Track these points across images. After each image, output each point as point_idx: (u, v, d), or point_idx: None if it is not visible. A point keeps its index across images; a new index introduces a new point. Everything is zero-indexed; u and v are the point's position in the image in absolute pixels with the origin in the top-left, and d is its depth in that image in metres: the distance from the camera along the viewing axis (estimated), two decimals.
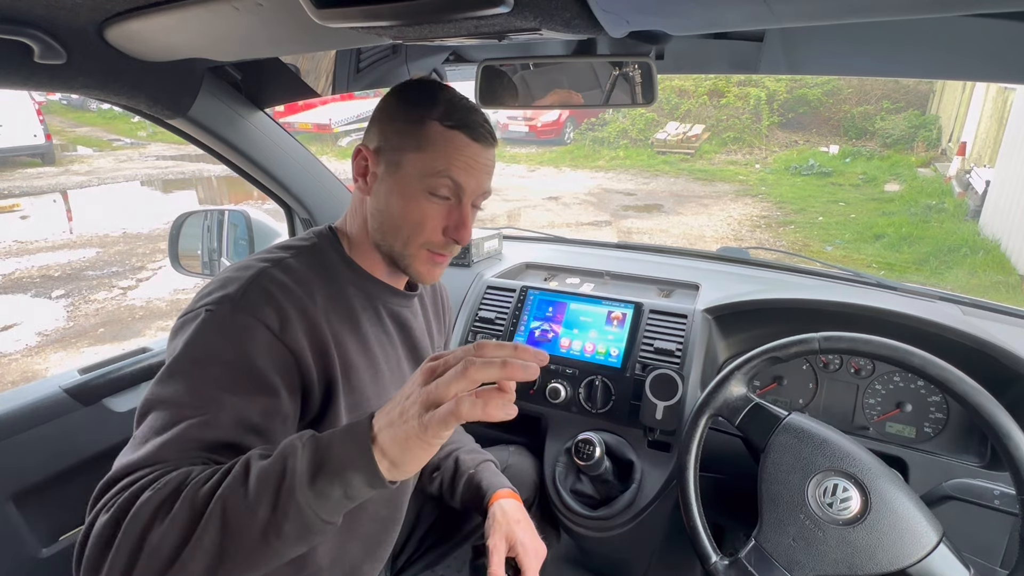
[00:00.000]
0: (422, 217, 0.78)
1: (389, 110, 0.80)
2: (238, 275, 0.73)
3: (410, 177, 0.77)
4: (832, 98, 11.39)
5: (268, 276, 0.73)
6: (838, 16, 0.63)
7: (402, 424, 0.52)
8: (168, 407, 0.63)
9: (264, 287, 0.72)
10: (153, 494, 0.55)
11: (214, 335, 0.67)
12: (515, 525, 0.97)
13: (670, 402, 1.16)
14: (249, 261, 0.77)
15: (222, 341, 0.67)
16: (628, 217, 7.61)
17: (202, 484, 0.54)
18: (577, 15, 0.63)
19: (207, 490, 0.54)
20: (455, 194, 0.78)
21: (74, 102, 16.18)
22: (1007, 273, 5.56)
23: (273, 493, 0.52)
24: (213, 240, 1.65)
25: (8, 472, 1.15)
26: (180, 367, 0.66)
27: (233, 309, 0.69)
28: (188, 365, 0.65)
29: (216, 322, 0.68)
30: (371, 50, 1.23)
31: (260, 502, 0.52)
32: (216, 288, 0.72)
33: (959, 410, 1.13)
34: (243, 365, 0.66)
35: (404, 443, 0.52)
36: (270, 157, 1.39)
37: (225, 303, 0.69)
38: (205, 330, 0.67)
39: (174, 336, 0.70)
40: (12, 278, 5.50)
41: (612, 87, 0.97)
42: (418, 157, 0.76)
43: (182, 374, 0.65)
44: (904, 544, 0.81)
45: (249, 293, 0.70)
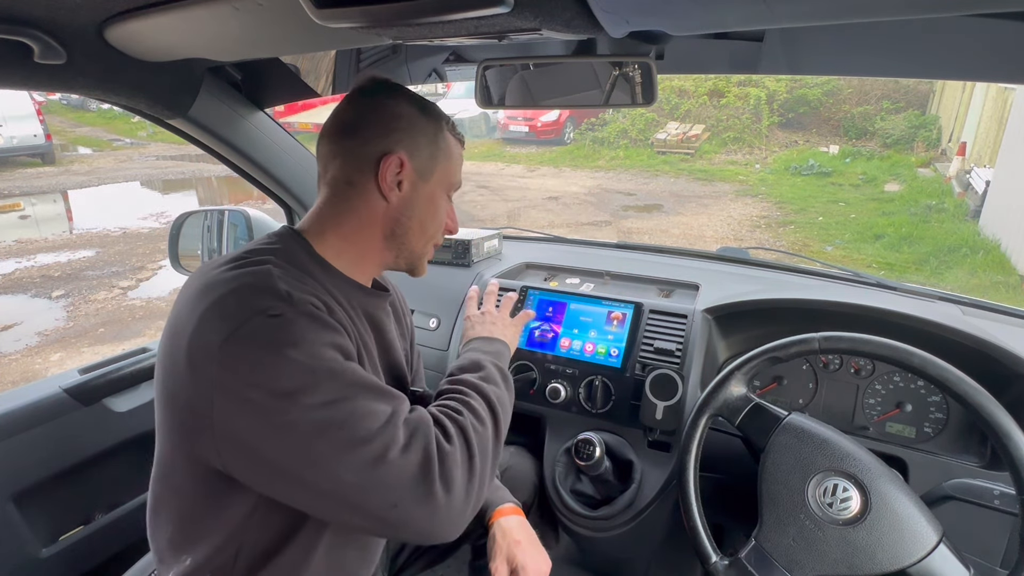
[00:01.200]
0: (442, 218, 0.89)
1: (412, 119, 0.82)
2: (252, 282, 0.70)
3: (440, 183, 0.86)
4: (832, 98, 11.39)
5: (281, 272, 0.72)
6: (838, 16, 0.63)
7: (504, 326, 1.06)
8: (344, 400, 0.66)
9: (290, 282, 0.71)
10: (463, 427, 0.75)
11: (298, 332, 0.66)
12: (515, 547, 0.96)
13: (670, 402, 1.16)
14: (235, 269, 0.72)
15: (309, 332, 0.67)
16: (628, 217, 7.61)
17: (478, 405, 0.81)
18: (577, 15, 0.63)
19: (482, 401, 0.82)
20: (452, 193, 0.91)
21: (74, 102, 16.18)
22: (1007, 273, 5.56)
23: (503, 380, 0.89)
24: (213, 240, 1.65)
25: (8, 472, 1.15)
26: (303, 371, 0.64)
27: (293, 306, 0.68)
28: (310, 362, 0.65)
29: (289, 322, 0.66)
30: (371, 50, 1.23)
31: (504, 388, 0.88)
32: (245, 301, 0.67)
33: (959, 410, 1.13)
34: (340, 338, 0.71)
35: (509, 333, 1.05)
36: (270, 157, 1.39)
37: (280, 306, 0.67)
38: (284, 333, 0.65)
39: (239, 358, 0.64)
40: (12, 278, 5.50)
41: (612, 87, 0.97)
42: (446, 167, 0.86)
43: (313, 373, 0.65)
44: (904, 544, 0.81)
45: (290, 291, 0.69)
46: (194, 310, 0.69)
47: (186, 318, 0.70)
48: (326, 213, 0.83)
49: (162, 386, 0.73)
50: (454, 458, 0.69)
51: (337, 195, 0.82)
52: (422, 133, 0.82)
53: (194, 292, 0.72)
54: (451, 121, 0.87)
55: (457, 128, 0.89)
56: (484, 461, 0.75)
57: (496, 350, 0.96)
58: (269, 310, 0.66)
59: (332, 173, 0.82)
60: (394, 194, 0.81)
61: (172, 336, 0.72)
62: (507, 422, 0.85)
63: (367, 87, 0.83)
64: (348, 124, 0.82)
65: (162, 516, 0.80)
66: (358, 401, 0.66)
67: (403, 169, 0.81)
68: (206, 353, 0.66)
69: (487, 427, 0.79)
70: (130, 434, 1.35)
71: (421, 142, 0.82)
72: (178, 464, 0.75)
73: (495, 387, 0.86)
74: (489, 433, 0.79)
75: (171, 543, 0.79)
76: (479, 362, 0.90)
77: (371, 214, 0.82)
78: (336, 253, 0.82)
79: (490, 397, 0.83)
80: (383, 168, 0.79)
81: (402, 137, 0.81)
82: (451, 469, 0.68)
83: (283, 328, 0.66)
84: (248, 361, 0.64)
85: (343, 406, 0.65)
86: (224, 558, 0.75)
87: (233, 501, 0.73)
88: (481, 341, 0.99)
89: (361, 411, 0.66)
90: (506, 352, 0.98)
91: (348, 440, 0.64)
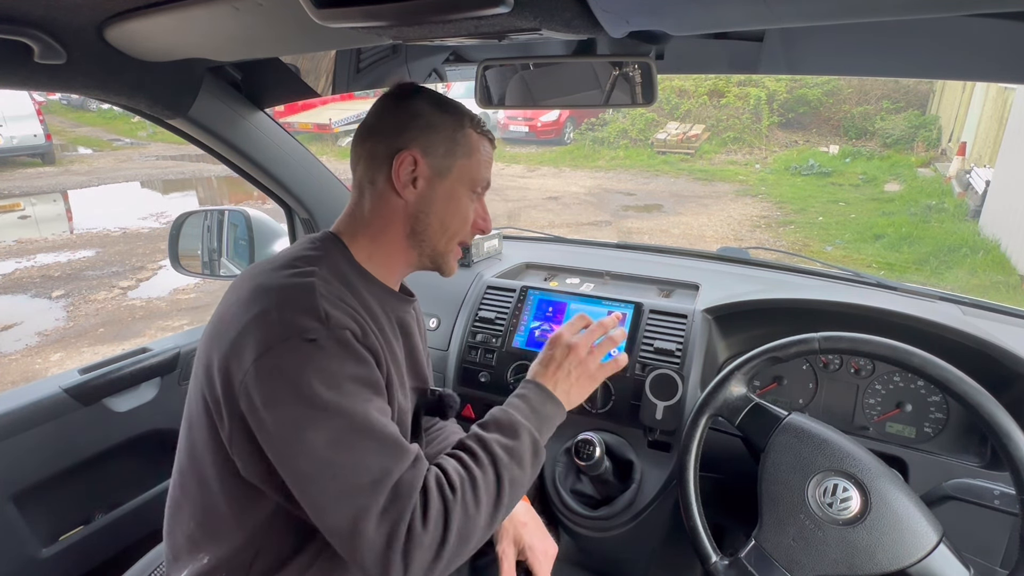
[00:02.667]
0: (467, 216, 0.88)
1: (427, 117, 0.83)
2: (296, 296, 0.73)
3: (461, 181, 0.85)
4: (832, 98, 11.39)
5: (324, 288, 0.74)
6: (838, 16, 0.63)
7: (579, 380, 0.86)
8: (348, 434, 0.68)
9: (331, 301, 0.74)
10: (461, 496, 0.71)
11: (329, 360, 0.70)
12: (522, 528, 0.96)
13: (670, 402, 1.16)
14: (284, 278, 0.75)
15: (340, 363, 0.70)
16: (628, 217, 7.61)
17: (484, 483, 0.74)
18: (577, 15, 0.63)
19: (493, 480, 0.75)
20: (483, 191, 0.90)
21: (74, 102, 16.19)
22: (1007, 273, 5.56)
23: (533, 459, 0.79)
24: (213, 240, 1.65)
25: (8, 472, 1.15)
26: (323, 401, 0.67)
27: (329, 331, 0.70)
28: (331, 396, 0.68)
29: (323, 348, 0.70)
30: (371, 50, 1.23)
31: (530, 469, 0.79)
32: (287, 317, 0.70)
33: (959, 410, 1.13)
34: (367, 372, 0.73)
35: (580, 392, 0.87)
36: (270, 157, 1.39)
37: (317, 328, 0.70)
38: (317, 359, 0.69)
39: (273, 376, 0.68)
40: (12, 278, 5.50)
41: (612, 87, 0.97)
42: (466, 163, 0.85)
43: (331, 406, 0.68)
44: (904, 544, 0.81)
45: (329, 311, 0.72)
46: (240, 317, 0.73)
47: (230, 322, 0.73)
48: (356, 215, 0.86)
49: (197, 381, 0.77)
50: (421, 542, 0.67)
51: (363, 196, 0.85)
52: (437, 130, 0.83)
53: (245, 295, 0.75)
54: (477, 119, 0.87)
55: (484, 125, 0.88)
56: (460, 546, 0.70)
57: (547, 414, 0.83)
58: (305, 333, 0.69)
59: (358, 175, 0.86)
60: (409, 191, 0.82)
61: (216, 336, 0.75)
62: (514, 504, 0.78)
63: (392, 91, 0.86)
64: (369, 126, 0.85)
65: (184, 511, 0.81)
66: (357, 451, 0.68)
67: (417, 166, 0.82)
68: (239, 364, 0.70)
69: (480, 511, 0.72)
70: (130, 434, 1.35)
71: (436, 139, 0.82)
72: (206, 458, 0.77)
73: (516, 467, 0.77)
74: (481, 518, 0.72)
75: (190, 539, 0.80)
76: (517, 427, 0.79)
77: (392, 213, 0.84)
78: (368, 256, 0.85)
79: (503, 477, 0.75)
80: (396, 165, 0.81)
81: (417, 135, 0.82)
82: (414, 552, 0.67)
83: (313, 356, 0.69)
84: (274, 381, 0.68)
85: (343, 452, 0.67)
86: (242, 559, 0.77)
87: (256, 501, 0.75)
88: (538, 393, 0.84)
89: (357, 464, 0.67)
90: (558, 417, 0.85)
91: (336, 491, 0.67)
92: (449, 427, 1.15)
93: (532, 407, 0.82)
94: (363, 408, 0.70)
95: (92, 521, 1.31)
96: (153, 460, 1.42)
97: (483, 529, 0.73)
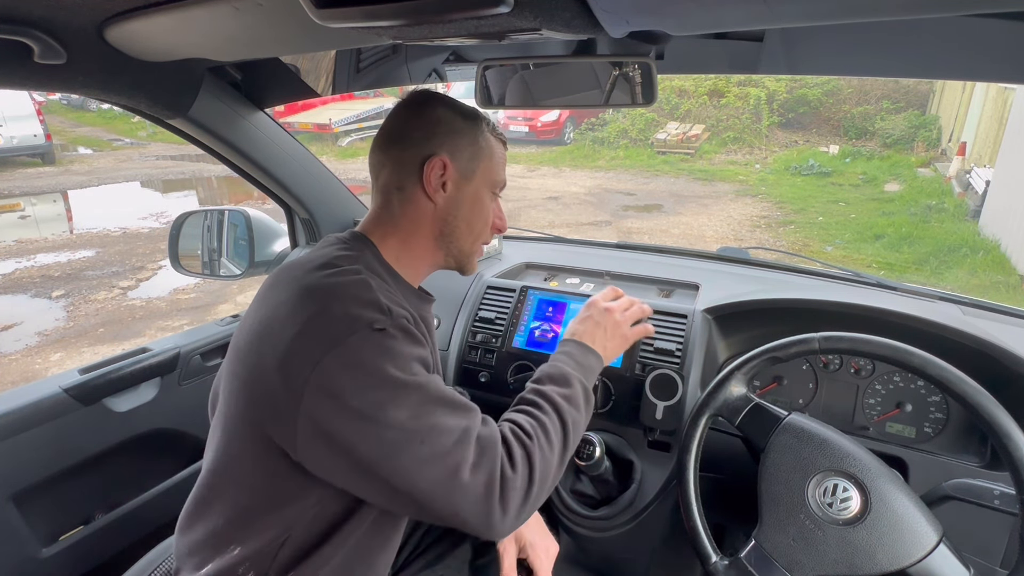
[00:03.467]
0: (489, 216, 0.92)
1: (450, 122, 0.86)
2: (354, 292, 0.75)
3: (483, 182, 0.89)
4: (832, 98, 11.39)
5: (376, 287, 0.77)
6: (838, 16, 0.63)
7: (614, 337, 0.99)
8: (428, 405, 0.72)
9: (385, 293, 0.77)
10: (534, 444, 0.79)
11: (399, 345, 0.73)
12: (523, 526, 0.97)
13: (670, 402, 1.16)
14: (334, 278, 0.77)
15: (407, 347, 0.74)
16: (628, 217, 7.62)
17: (552, 428, 0.82)
18: (577, 15, 0.63)
19: (559, 424, 0.83)
20: (499, 192, 0.94)
21: (74, 102, 16.19)
22: (1007, 273, 5.56)
23: (586, 403, 0.89)
24: (213, 240, 1.65)
25: (8, 472, 1.15)
26: (400, 380, 0.71)
27: (393, 321, 0.74)
28: (410, 376, 0.73)
29: (391, 337, 0.73)
30: (371, 50, 1.23)
31: (584, 413, 0.88)
32: (351, 311, 0.73)
33: (959, 410, 1.13)
34: (424, 356, 0.77)
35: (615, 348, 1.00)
36: (270, 157, 1.39)
37: (383, 320, 0.73)
38: (389, 344, 0.73)
39: (352, 367, 0.71)
40: (12, 278, 5.50)
41: (612, 87, 0.97)
42: (487, 166, 0.89)
43: (411, 386, 0.72)
44: (904, 544, 0.81)
45: (389, 305, 0.76)
46: (295, 317, 0.74)
47: (284, 324, 0.74)
48: (383, 218, 0.88)
49: (238, 380, 0.77)
50: (514, 485, 0.74)
51: (390, 201, 0.87)
52: (462, 135, 0.86)
53: (294, 298, 0.76)
54: (491, 122, 0.90)
55: (497, 128, 0.92)
56: (543, 486, 0.77)
57: (590, 365, 0.94)
58: (374, 323, 0.72)
59: (383, 180, 0.87)
60: (439, 195, 0.85)
61: (266, 337, 0.76)
62: (576, 444, 0.87)
63: (409, 98, 0.88)
64: (393, 132, 0.87)
65: (214, 509, 0.81)
66: (437, 416, 0.72)
67: (446, 171, 0.85)
68: (305, 362, 0.71)
69: (554, 452, 0.80)
70: (130, 434, 1.35)
71: (461, 143, 0.86)
72: (246, 454, 0.78)
73: (575, 411, 0.86)
74: (555, 459, 0.80)
75: (215, 534, 0.80)
76: (568, 377, 0.89)
77: (421, 216, 0.87)
78: (396, 257, 0.87)
79: (567, 421, 0.84)
80: (427, 171, 0.84)
81: (443, 140, 0.85)
82: (510, 495, 0.73)
83: (384, 342, 0.72)
84: (352, 371, 0.70)
85: (425, 420, 0.71)
86: (270, 549, 0.77)
87: (296, 494, 0.77)
88: (579, 348, 0.95)
89: (440, 427, 0.72)
90: (598, 367, 0.96)
91: (427, 454, 0.70)
92: None
93: (577, 360, 0.92)
94: (433, 381, 0.75)
95: (92, 521, 1.31)
96: (153, 460, 1.42)
97: (557, 468, 0.80)
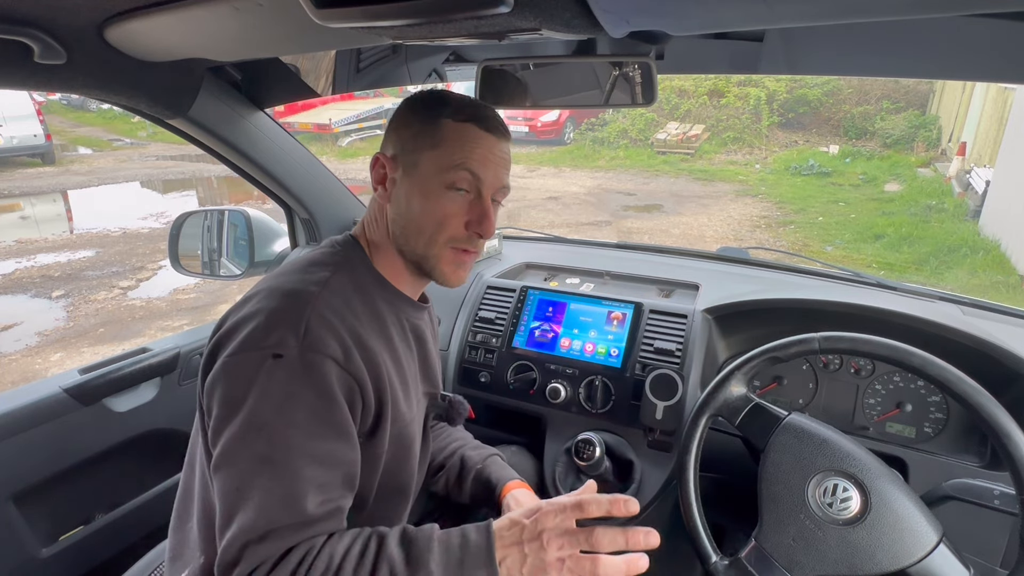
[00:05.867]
0: (443, 213, 0.78)
1: (402, 118, 0.82)
2: (291, 306, 0.71)
3: (428, 174, 0.78)
4: (832, 98, 11.39)
5: (323, 303, 0.72)
6: (838, 16, 0.63)
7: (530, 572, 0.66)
8: (265, 465, 0.65)
9: (323, 317, 0.70)
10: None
11: (288, 381, 0.67)
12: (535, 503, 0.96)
13: (670, 402, 1.16)
14: (291, 284, 0.74)
15: (299, 387, 0.67)
16: (628, 217, 7.61)
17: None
18: (577, 15, 0.63)
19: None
20: (474, 187, 0.80)
21: (74, 102, 16.18)
22: (1007, 273, 5.56)
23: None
24: (213, 240, 1.65)
25: (8, 472, 1.15)
26: (261, 419, 0.65)
27: (301, 350, 0.67)
28: (272, 416, 0.66)
29: (288, 367, 0.67)
30: (371, 50, 1.22)
31: None
32: (272, 323, 0.69)
33: (959, 410, 1.13)
34: (325, 408, 0.68)
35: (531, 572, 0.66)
36: (270, 157, 1.39)
37: (291, 344, 0.67)
38: (277, 376, 0.66)
39: (231, 378, 0.68)
40: (12, 278, 5.50)
41: (612, 87, 0.97)
42: (435, 154, 0.78)
43: (266, 428, 0.65)
44: (904, 544, 0.81)
45: (312, 328, 0.69)
46: (235, 313, 0.74)
47: (226, 317, 0.75)
48: (367, 220, 0.87)
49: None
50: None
51: (372, 202, 0.86)
52: (406, 125, 0.80)
53: (253, 293, 0.76)
54: (462, 106, 0.79)
55: (479, 111, 0.80)
56: None
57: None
58: (277, 348, 0.67)
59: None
60: (383, 194, 0.82)
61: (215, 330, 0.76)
62: None
63: (407, 98, 0.85)
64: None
65: (190, 511, 0.82)
66: (262, 478, 0.64)
67: (386, 167, 0.81)
68: (215, 359, 0.71)
69: None
70: (130, 434, 1.35)
71: (405, 135, 0.80)
72: (204, 458, 0.77)
73: None
74: None
75: (192, 538, 0.80)
76: (425, 562, 0.64)
77: (383, 219, 0.85)
78: (384, 263, 0.85)
79: None
80: (373, 170, 0.83)
81: (390, 136, 0.82)
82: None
83: (272, 372, 0.67)
84: (229, 383, 0.68)
85: (255, 477, 0.64)
86: None
87: None
88: (480, 557, 0.66)
89: (260, 486, 0.64)
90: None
91: (235, 492, 0.64)
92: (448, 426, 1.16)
93: (450, 562, 0.65)
94: (298, 443, 0.66)
95: (92, 521, 1.31)
96: (153, 460, 1.42)
97: None
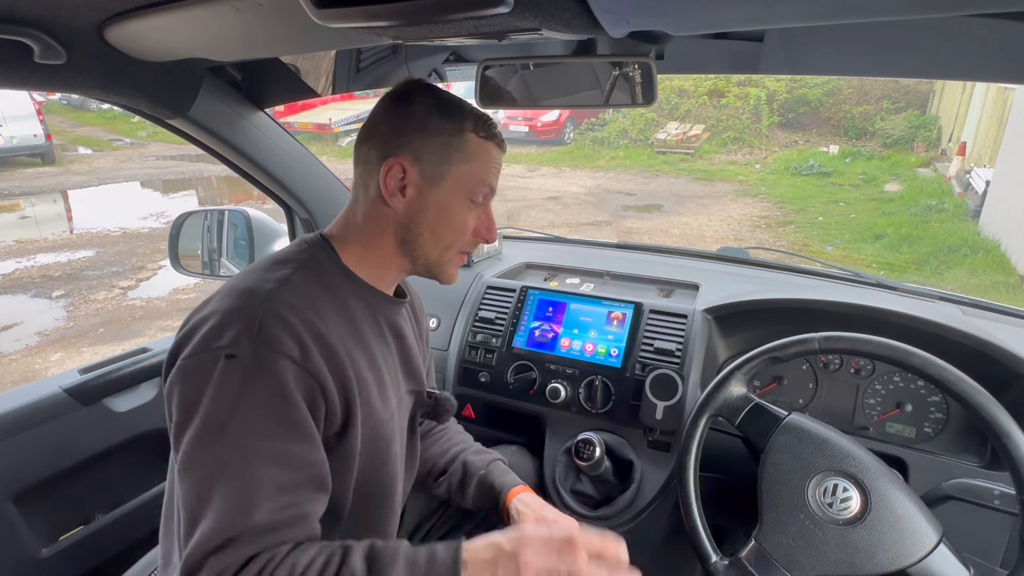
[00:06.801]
0: (464, 224, 0.83)
1: (423, 119, 0.78)
2: (246, 304, 0.70)
3: (457, 188, 0.80)
4: (832, 98, 11.39)
5: (279, 300, 0.70)
6: (838, 16, 0.63)
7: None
8: (223, 469, 0.64)
9: (279, 314, 0.69)
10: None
11: (243, 382, 0.66)
12: (543, 509, 0.97)
13: (670, 402, 1.16)
14: (250, 282, 0.73)
15: (254, 388, 0.66)
16: (628, 217, 7.61)
17: None
18: (577, 15, 0.63)
19: None
20: (486, 199, 0.84)
21: (74, 102, 16.17)
22: (1007, 273, 5.56)
23: None
24: (213, 240, 1.65)
25: (8, 472, 1.15)
26: (217, 422, 0.64)
27: (255, 348, 0.66)
28: (227, 418, 0.65)
29: (241, 367, 0.66)
30: (371, 50, 1.23)
31: None
32: (227, 323, 0.68)
33: (959, 410, 1.13)
34: (282, 408, 0.67)
35: None
36: (270, 157, 1.39)
37: (244, 343, 0.66)
38: (231, 377, 0.66)
39: (186, 381, 0.67)
40: (12, 278, 5.50)
41: (612, 87, 0.97)
42: (466, 170, 0.80)
43: (222, 431, 0.64)
44: (904, 544, 0.81)
45: (266, 326, 0.68)
46: (196, 312, 0.73)
47: (194, 314, 0.74)
48: (350, 219, 0.84)
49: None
50: None
51: (357, 201, 0.83)
52: (433, 135, 0.78)
53: (216, 293, 0.75)
54: (483, 121, 0.81)
55: (493, 128, 0.82)
56: None
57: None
58: (230, 348, 0.66)
59: (355, 178, 0.84)
60: (397, 200, 0.79)
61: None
62: None
63: (393, 91, 0.82)
64: (368, 129, 0.81)
65: (172, 521, 0.80)
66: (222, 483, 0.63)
67: (406, 174, 0.78)
68: (172, 359, 0.71)
69: None
70: (130, 434, 1.35)
71: (430, 145, 0.78)
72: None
73: None
74: None
75: (175, 547, 0.79)
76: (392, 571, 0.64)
77: (384, 221, 0.81)
78: (358, 260, 0.82)
79: None
80: (384, 173, 0.78)
81: (410, 140, 0.78)
82: None
83: (226, 372, 0.66)
84: (185, 385, 0.68)
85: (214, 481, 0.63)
86: None
87: None
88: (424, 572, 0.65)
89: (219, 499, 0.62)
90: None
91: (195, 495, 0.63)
92: (452, 427, 1.15)
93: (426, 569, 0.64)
94: (255, 445, 0.65)
95: (92, 521, 1.31)
96: (153, 460, 1.42)
97: None
